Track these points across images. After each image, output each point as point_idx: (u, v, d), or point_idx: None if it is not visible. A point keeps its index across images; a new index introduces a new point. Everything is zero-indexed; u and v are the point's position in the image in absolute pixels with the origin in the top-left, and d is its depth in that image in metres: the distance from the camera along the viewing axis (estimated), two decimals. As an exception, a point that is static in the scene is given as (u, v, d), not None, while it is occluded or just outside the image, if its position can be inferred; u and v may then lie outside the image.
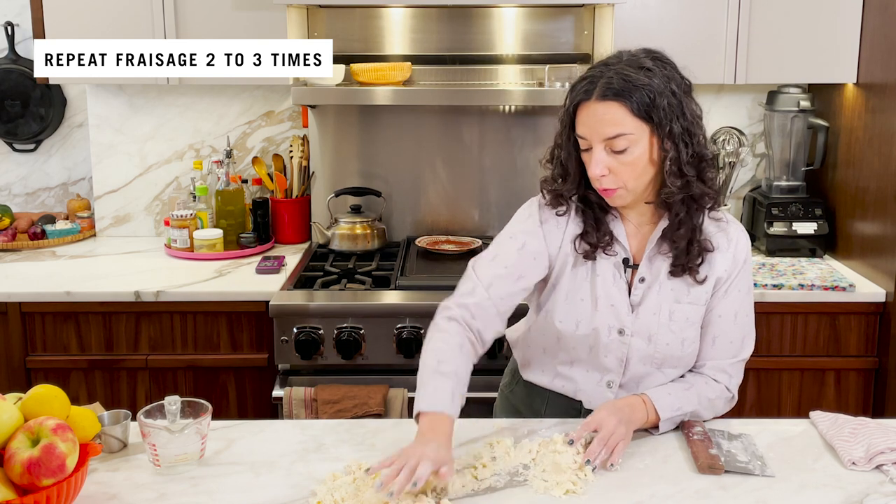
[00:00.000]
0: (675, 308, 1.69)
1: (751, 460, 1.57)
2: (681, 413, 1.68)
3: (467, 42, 3.07)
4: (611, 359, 1.72)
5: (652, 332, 1.69)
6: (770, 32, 2.72)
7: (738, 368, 1.76)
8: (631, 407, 1.65)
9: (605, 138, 1.58)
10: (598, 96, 1.58)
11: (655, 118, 1.57)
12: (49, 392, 1.47)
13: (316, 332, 2.49)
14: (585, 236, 1.70)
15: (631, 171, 1.60)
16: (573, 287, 1.72)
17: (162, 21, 2.73)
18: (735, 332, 1.73)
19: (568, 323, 1.72)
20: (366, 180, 3.14)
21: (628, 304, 1.70)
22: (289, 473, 1.55)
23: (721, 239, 1.70)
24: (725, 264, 1.70)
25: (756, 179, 3.16)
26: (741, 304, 1.72)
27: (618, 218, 1.71)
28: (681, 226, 1.65)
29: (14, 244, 3.00)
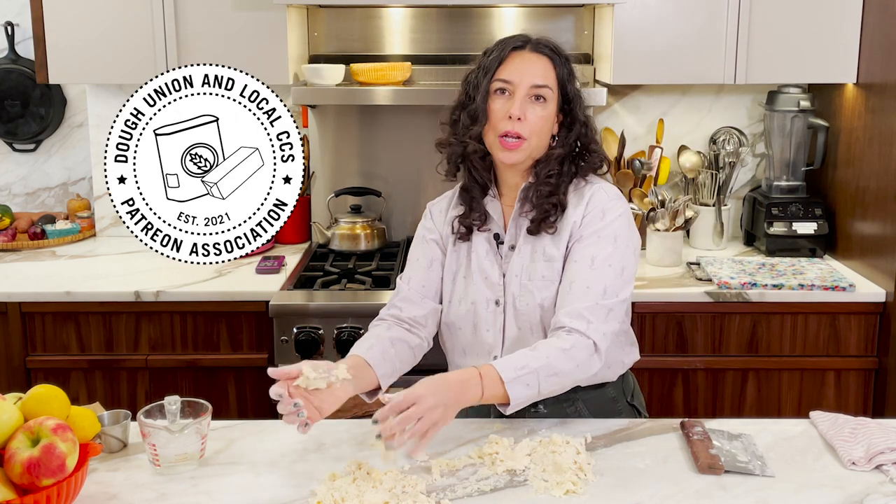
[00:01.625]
0: (532, 267, 1.75)
1: (751, 460, 1.57)
2: (527, 370, 1.56)
3: (467, 42, 3.07)
4: (491, 333, 1.77)
5: (516, 295, 1.75)
6: (770, 32, 2.73)
7: (599, 314, 1.64)
8: (462, 384, 1.53)
9: (532, 85, 1.72)
10: (532, 48, 1.75)
11: (570, 93, 1.76)
12: (49, 392, 1.47)
13: (316, 332, 2.49)
14: (463, 219, 1.82)
15: (539, 124, 1.72)
16: (455, 267, 1.84)
17: (162, 21, 2.73)
18: (592, 278, 1.67)
19: (453, 302, 1.82)
20: (366, 180, 3.14)
21: (500, 275, 1.78)
22: (289, 473, 1.55)
23: (578, 195, 1.77)
24: (576, 217, 1.74)
25: (756, 179, 3.16)
26: (599, 251, 1.69)
27: (495, 198, 1.82)
28: (546, 181, 1.74)
29: (14, 244, 3.00)
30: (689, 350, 2.59)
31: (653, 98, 3.11)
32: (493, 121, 1.73)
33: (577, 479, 1.50)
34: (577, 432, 1.66)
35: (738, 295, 2.54)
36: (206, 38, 2.74)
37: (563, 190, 1.76)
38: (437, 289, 1.86)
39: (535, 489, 1.49)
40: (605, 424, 1.73)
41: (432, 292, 1.85)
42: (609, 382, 1.83)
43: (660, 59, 2.74)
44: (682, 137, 3.11)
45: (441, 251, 1.87)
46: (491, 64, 1.75)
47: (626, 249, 1.72)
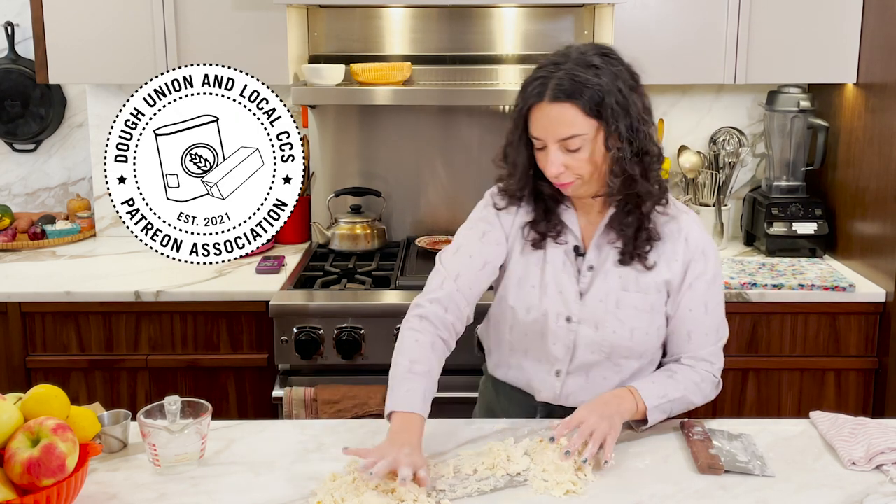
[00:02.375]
0: (623, 296, 1.70)
1: (751, 460, 1.57)
2: (667, 400, 1.68)
3: (467, 42, 3.07)
4: (559, 346, 1.73)
5: (598, 320, 1.71)
6: (770, 32, 2.73)
7: (718, 354, 1.77)
8: (618, 399, 1.65)
9: (559, 139, 1.60)
10: (549, 98, 1.59)
11: (604, 116, 1.59)
12: (49, 392, 1.47)
13: (316, 332, 2.50)
14: (535, 225, 1.74)
15: (585, 166, 1.62)
16: (525, 273, 1.75)
17: (162, 21, 2.73)
18: (709, 323, 1.73)
19: (519, 309, 1.75)
20: (366, 180, 3.14)
21: (576, 292, 1.72)
22: (289, 473, 1.55)
23: (671, 227, 1.71)
24: (678, 255, 1.70)
25: (756, 179, 3.16)
26: (709, 294, 1.72)
27: (570, 207, 1.74)
28: (629, 214, 1.67)
29: (14, 244, 3.00)
30: (689, 350, 2.58)
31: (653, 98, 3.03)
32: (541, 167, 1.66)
33: (578, 480, 1.50)
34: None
35: (738, 295, 2.54)
36: (206, 38, 2.74)
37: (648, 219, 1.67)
38: (481, 292, 1.77)
39: (535, 489, 1.49)
40: (605, 424, 1.73)
41: (475, 297, 1.76)
42: None
43: (660, 59, 2.74)
44: (682, 137, 3.11)
45: (501, 254, 1.76)
46: (517, 117, 1.65)
47: (722, 283, 1.78)
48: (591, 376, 1.74)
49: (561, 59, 1.63)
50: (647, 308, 1.71)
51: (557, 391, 1.76)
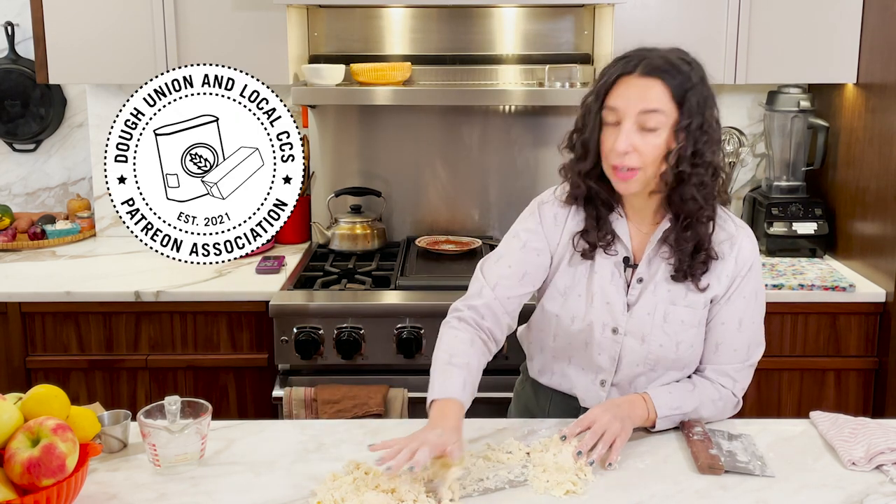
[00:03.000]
0: (671, 310, 1.68)
1: (751, 460, 1.57)
2: (679, 412, 1.68)
3: (467, 42, 3.07)
4: (604, 357, 1.72)
5: (645, 333, 1.69)
6: (770, 32, 2.73)
7: (745, 374, 1.74)
8: (630, 403, 1.65)
9: (641, 111, 1.57)
10: (641, 72, 1.59)
11: (686, 106, 1.58)
12: (49, 392, 1.47)
13: (316, 332, 2.49)
14: (585, 235, 1.70)
15: (653, 153, 1.58)
16: (571, 283, 1.73)
17: (162, 21, 2.73)
18: (739, 340, 1.71)
19: (564, 318, 1.73)
20: (366, 180, 3.14)
21: (624, 303, 1.70)
22: (289, 473, 1.55)
23: (726, 247, 1.68)
24: (727, 270, 1.68)
25: (756, 179, 3.16)
26: (746, 310, 1.70)
27: (622, 217, 1.71)
28: (686, 229, 1.64)
29: (14, 244, 3.00)
30: (689, 350, 2.58)
31: (653, 98, 3.10)
32: (604, 152, 1.62)
33: (578, 480, 1.49)
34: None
35: (738, 295, 2.54)
36: (206, 38, 2.74)
37: (709, 240, 1.65)
38: (521, 303, 1.75)
39: (535, 489, 1.49)
40: (605, 424, 1.73)
41: (514, 308, 1.74)
42: None
43: (660, 59, 2.74)
44: (682, 137, 3.11)
45: (543, 264, 1.74)
46: (600, 90, 1.62)
47: (763, 300, 1.74)
48: (636, 386, 1.74)
49: (649, 48, 1.64)
50: (695, 323, 1.69)
51: (603, 400, 1.75)
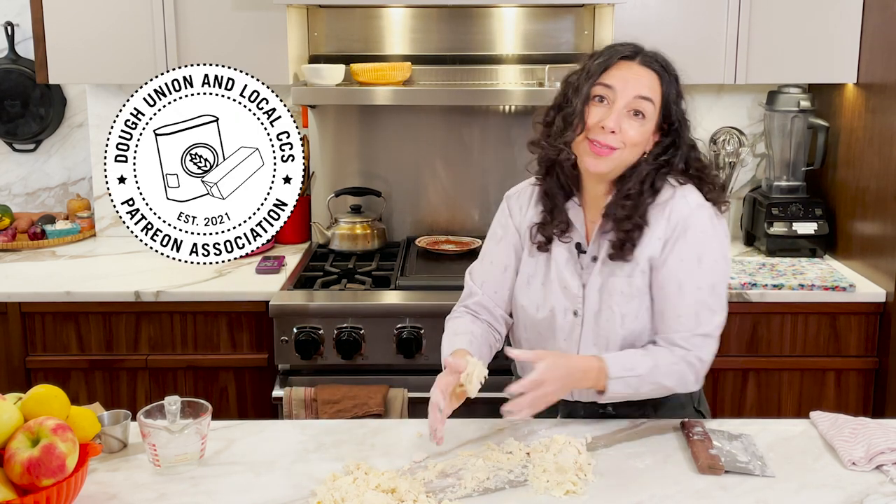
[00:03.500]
0: (611, 282, 1.71)
1: (751, 460, 1.57)
2: (633, 374, 1.63)
3: (467, 42, 3.07)
4: (568, 342, 1.75)
5: (596, 311, 1.73)
6: (770, 32, 2.72)
7: (698, 343, 1.67)
8: (583, 372, 1.62)
9: (636, 96, 1.65)
10: (641, 61, 1.68)
11: (673, 113, 1.69)
12: (49, 392, 1.47)
13: (316, 332, 2.49)
14: (542, 228, 1.77)
15: (635, 138, 1.65)
16: (533, 271, 1.79)
17: (162, 21, 2.73)
18: (683, 306, 1.66)
19: (529, 307, 1.78)
20: (366, 180, 3.14)
21: (580, 286, 1.74)
22: (289, 473, 1.55)
23: (657, 211, 1.70)
24: (658, 233, 1.69)
25: (756, 179, 3.16)
26: (686, 274, 1.66)
27: (579, 206, 1.77)
28: (626, 199, 1.68)
29: (14, 244, 3.00)
30: (689, 350, 2.58)
31: (653, 98, 3.10)
32: (588, 125, 1.66)
33: (578, 480, 1.50)
34: (578, 432, 1.66)
35: (738, 295, 2.54)
36: (206, 38, 2.74)
37: (643, 211, 1.69)
38: (509, 296, 1.82)
39: (535, 489, 1.49)
40: (604, 424, 1.73)
41: (504, 299, 1.82)
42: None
43: (660, 59, 2.74)
44: (682, 137, 3.11)
45: (517, 254, 1.82)
46: (596, 69, 1.67)
47: (713, 266, 1.68)
48: None
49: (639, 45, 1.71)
50: (635, 293, 1.70)
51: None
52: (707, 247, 1.68)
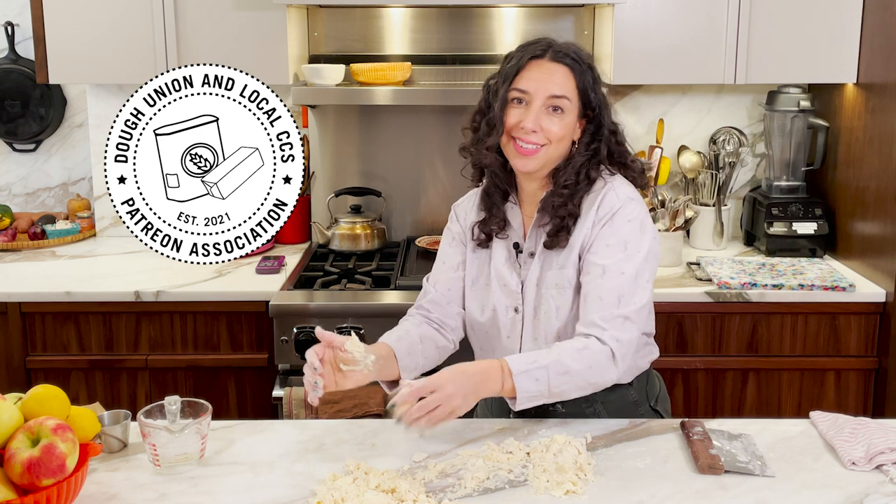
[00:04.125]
0: (547, 276, 1.74)
1: (751, 460, 1.57)
2: (537, 365, 1.59)
3: (467, 42, 3.07)
4: (511, 339, 1.77)
5: (536, 305, 1.75)
6: (770, 32, 2.73)
7: (616, 324, 1.64)
8: (484, 373, 1.59)
9: (550, 95, 1.68)
10: (551, 57, 1.70)
11: (592, 101, 1.71)
12: (49, 392, 1.47)
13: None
14: (482, 225, 1.81)
15: (558, 133, 1.69)
16: (476, 273, 1.83)
17: (162, 21, 2.73)
18: (605, 289, 1.65)
19: (474, 310, 1.82)
20: (366, 180, 3.14)
21: (518, 282, 1.77)
22: (289, 473, 1.55)
23: (587, 201, 1.74)
24: (587, 223, 1.72)
25: (756, 179, 3.16)
26: (610, 258, 1.67)
27: (516, 205, 1.81)
28: (563, 189, 1.72)
29: (14, 244, 3.00)
30: (689, 350, 2.59)
31: (653, 98, 3.11)
32: (508, 126, 1.71)
33: (578, 480, 1.50)
34: (578, 432, 1.66)
35: (738, 295, 2.54)
36: (206, 38, 2.74)
37: (578, 200, 1.72)
38: (461, 294, 1.87)
39: (535, 489, 1.49)
40: (605, 424, 1.73)
41: (458, 296, 1.86)
42: (629, 385, 1.81)
43: (660, 59, 2.74)
44: (682, 137, 3.11)
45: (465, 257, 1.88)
46: (509, 72, 1.71)
47: (637, 254, 1.68)
48: None
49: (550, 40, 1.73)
50: (566, 284, 1.72)
51: None
52: (633, 235, 1.69)
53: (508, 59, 1.74)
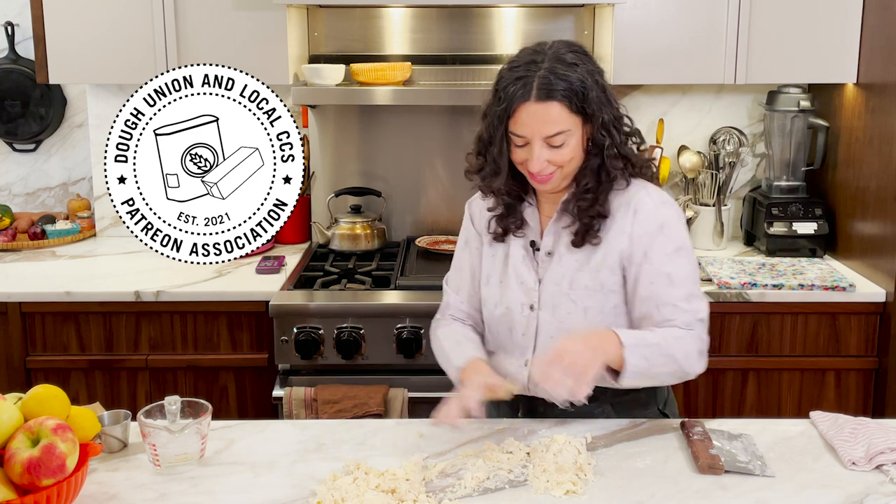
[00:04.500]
0: (576, 277, 1.73)
1: (751, 460, 1.57)
2: (645, 343, 1.61)
3: (467, 42, 3.07)
4: (526, 336, 1.76)
5: (555, 304, 1.74)
6: (770, 32, 2.72)
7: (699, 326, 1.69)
8: (600, 336, 1.62)
9: (546, 136, 1.64)
10: (536, 97, 1.63)
11: (589, 111, 1.65)
12: (49, 392, 1.47)
13: (316, 332, 2.49)
14: (500, 220, 1.79)
15: (568, 157, 1.67)
16: (491, 270, 1.82)
17: (162, 21, 2.73)
18: (677, 295, 1.68)
19: (489, 303, 1.81)
20: (366, 180, 3.14)
21: (535, 280, 1.76)
22: (289, 473, 1.55)
23: (620, 201, 1.72)
24: (626, 228, 1.71)
25: (756, 179, 3.16)
26: (671, 266, 1.69)
27: (533, 206, 1.79)
28: (586, 193, 1.70)
29: (14, 244, 3.00)
30: (689, 350, 2.58)
31: (653, 98, 3.11)
32: (517, 164, 1.70)
33: (578, 480, 1.50)
34: (578, 432, 1.66)
35: (738, 295, 2.54)
36: (206, 38, 2.74)
37: (603, 199, 1.71)
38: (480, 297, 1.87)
39: (535, 489, 1.49)
40: (605, 424, 1.73)
41: (480, 303, 1.86)
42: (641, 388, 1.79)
43: (660, 59, 2.74)
44: (682, 137, 3.11)
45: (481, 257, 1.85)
46: (501, 115, 1.66)
47: (689, 256, 1.72)
48: None
49: (537, 56, 1.66)
50: (598, 286, 1.71)
51: (525, 381, 1.77)
52: (682, 239, 1.72)
53: (496, 100, 1.67)
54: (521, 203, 1.79)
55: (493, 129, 1.69)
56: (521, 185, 1.77)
